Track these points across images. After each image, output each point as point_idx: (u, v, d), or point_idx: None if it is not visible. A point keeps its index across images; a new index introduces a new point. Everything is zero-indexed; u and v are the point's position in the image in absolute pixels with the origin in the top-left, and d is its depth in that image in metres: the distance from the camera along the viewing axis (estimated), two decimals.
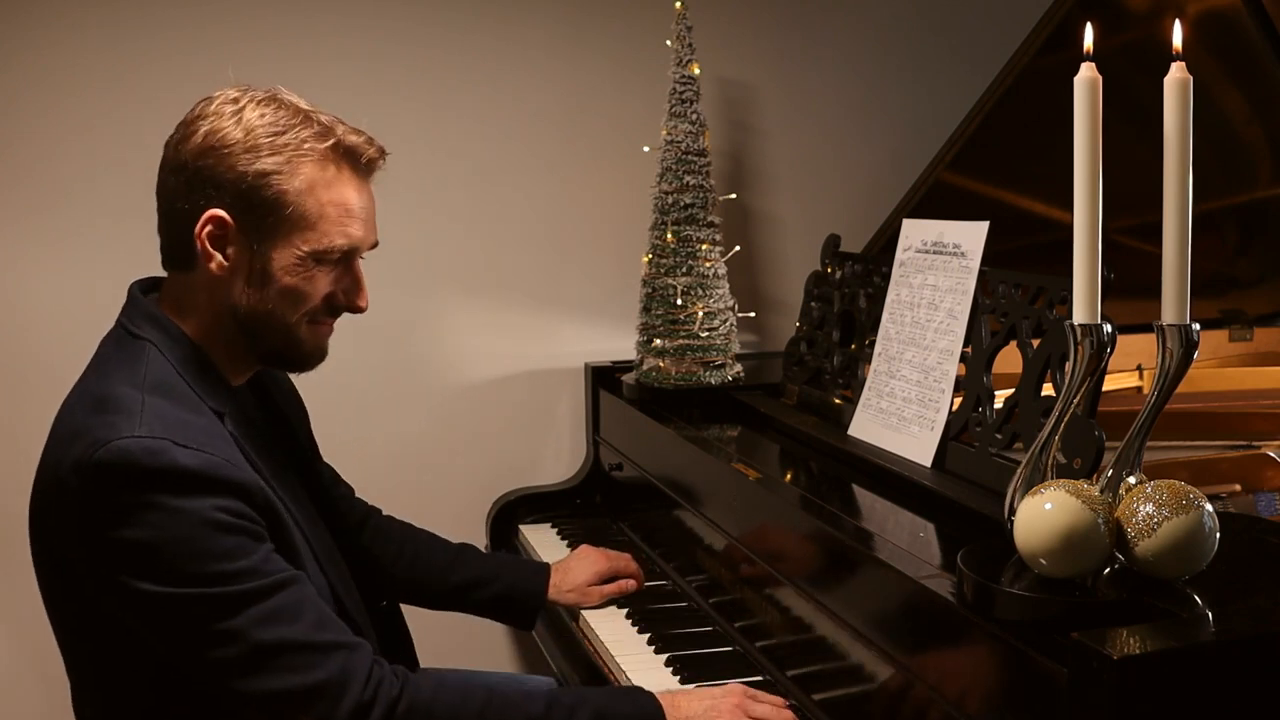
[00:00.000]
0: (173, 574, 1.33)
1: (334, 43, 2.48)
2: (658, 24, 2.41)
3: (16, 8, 2.31)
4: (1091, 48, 1.26)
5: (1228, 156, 2.45)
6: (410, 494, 2.58)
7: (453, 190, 2.60)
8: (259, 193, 1.41)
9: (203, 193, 1.42)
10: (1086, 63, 1.24)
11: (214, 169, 1.41)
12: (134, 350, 1.45)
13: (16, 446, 2.40)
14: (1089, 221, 1.25)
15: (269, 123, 1.42)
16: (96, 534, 1.34)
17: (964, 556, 1.30)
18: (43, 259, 2.38)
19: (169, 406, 1.39)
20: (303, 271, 1.45)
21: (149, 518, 1.32)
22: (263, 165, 1.40)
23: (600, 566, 2.03)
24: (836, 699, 1.58)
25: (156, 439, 1.33)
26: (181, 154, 1.43)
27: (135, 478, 1.32)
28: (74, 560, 1.39)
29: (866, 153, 2.83)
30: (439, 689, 1.44)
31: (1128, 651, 1.05)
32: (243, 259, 1.44)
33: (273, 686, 1.35)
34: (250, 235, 1.43)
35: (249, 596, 1.35)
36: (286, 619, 1.36)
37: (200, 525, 1.33)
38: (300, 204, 1.42)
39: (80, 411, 1.42)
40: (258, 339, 1.49)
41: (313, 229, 1.43)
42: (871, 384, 1.94)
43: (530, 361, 2.68)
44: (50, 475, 1.42)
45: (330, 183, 1.44)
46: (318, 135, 1.43)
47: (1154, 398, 1.25)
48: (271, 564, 1.39)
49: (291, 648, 1.36)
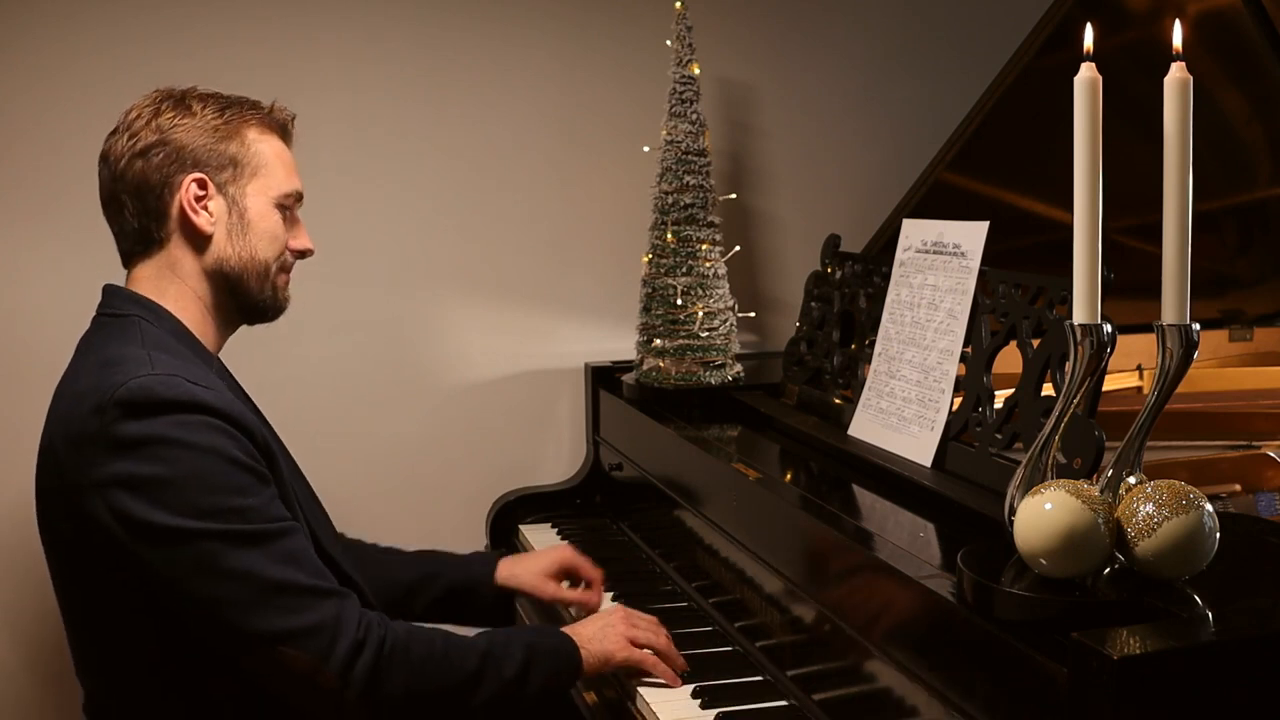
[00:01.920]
0: (187, 506, 1.41)
1: (334, 44, 2.48)
2: (658, 24, 2.41)
3: (16, 8, 2.31)
4: (1091, 48, 1.26)
5: (1228, 156, 2.45)
6: (410, 494, 2.59)
7: (453, 190, 2.60)
8: (225, 151, 1.61)
9: (175, 164, 1.59)
10: (1086, 63, 1.24)
11: (181, 140, 1.60)
12: (123, 324, 1.58)
13: (17, 445, 2.41)
14: (1089, 221, 1.25)
15: (211, 102, 1.64)
16: (114, 469, 1.42)
17: (964, 556, 1.30)
18: (42, 259, 2.38)
19: (172, 358, 1.52)
20: (272, 215, 1.65)
21: (167, 451, 1.42)
22: (221, 131, 1.62)
23: (560, 555, 2.03)
24: (836, 699, 1.58)
25: (171, 375, 1.46)
26: (139, 142, 1.60)
27: (155, 407, 1.43)
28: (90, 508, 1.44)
29: (866, 153, 2.83)
30: (410, 630, 1.56)
31: (1128, 651, 1.05)
32: (223, 211, 1.62)
33: (274, 625, 1.43)
34: (226, 189, 1.62)
35: (256, 536, 1.44)
36: (290, 561, 1.46)
37: (215, 458, 1.44)
38: (258, 154, 1.64)
39: (85, 376, 1.52)
40: (243, 290, 1.65)
41: (271, 175, 1.65)
42: (871, 384, 1.94)
43: (530, 361, 2.68)
44: (59, 437, 1.51)
45: (270, 141, 1.67)
46: (252, 107, 1.67)
47: (1154, 398, 1.25)
48: (275, 508, 1.49)
49: (293, 589, 1.45)
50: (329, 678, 1.44)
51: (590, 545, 2.32)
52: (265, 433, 1.56)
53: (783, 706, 1.66)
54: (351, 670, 1.45)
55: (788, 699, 1.67)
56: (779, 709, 1.66)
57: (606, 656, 1.70)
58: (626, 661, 1.71)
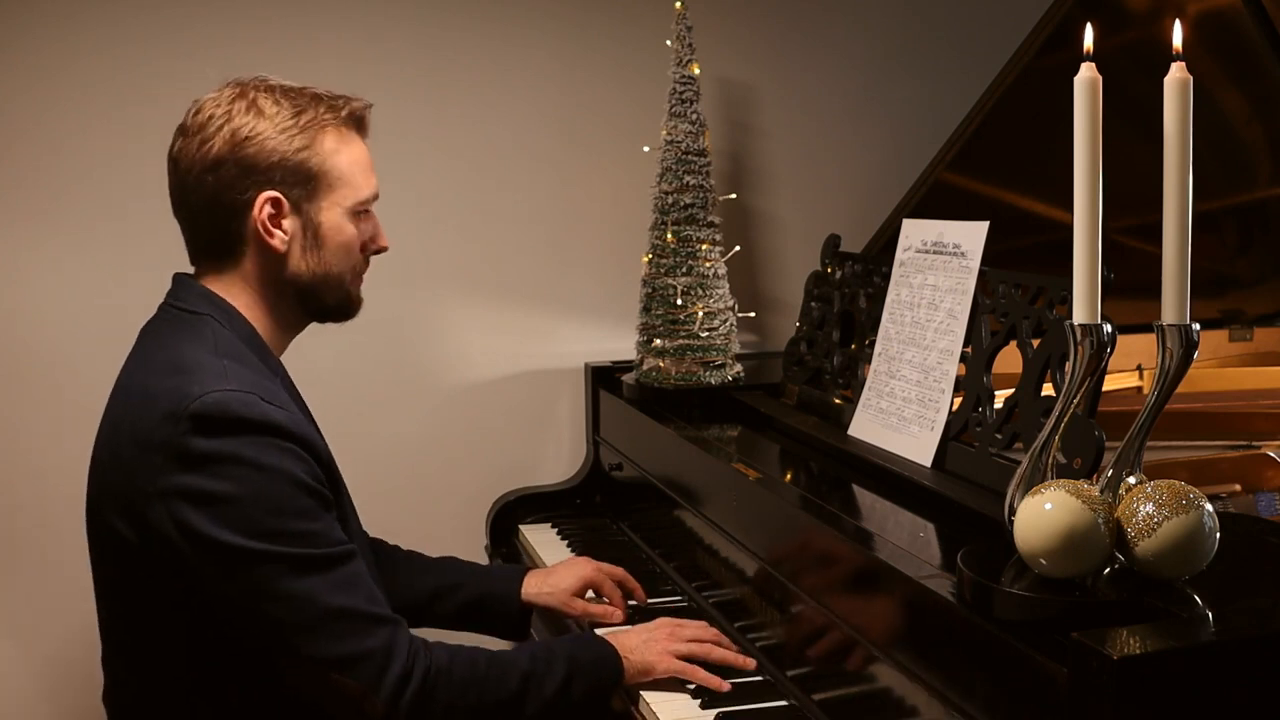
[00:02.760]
0: (251, 526, 1.41)
1: (334, 43, 2.48)
2: (658, 24, 2.41)
3: (16, 8, 2.31)
4: (1091, 48, 1.26)
5: (1228, 156, 2.44)
6: (410, 494, 2.59)
7: (453, 190, 2.60)
8: (301, 167, 1.56)
9: (249, 179, 1.54)
10: (1086, 63, 1.24)
11: (254, 157, 1.53)
12: (195, 323, 1.55)
13: (17, 446, 2.41)
14: (1089, 221, 1.25)
15: (286, 106, 1.56)
16: (184, 482, 1.42)
17: (964, 556, 1.30)
18: (42, 259, 2.38)
19: (244, 370, 1.50)
20: (347, 226, 1.61)
21: (237, 470, 1.42)
22: (297, 143, 1.55)
23: (586, 573, 1.98)
24: (836, 699, 1.58)
25: (248, 393, 1.45)
26: (211, 153, 1.53)
27: (231, 426, 1.42)
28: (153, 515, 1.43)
29: (866, 153, 2.83)
30: (453, 655, 1.54)
31: (1128, 651, 1.05)
32: (298, 229, 1.58)
33: (328, 651, 1.43)
34: (301, 206, 1.57)
35: (317, 561, 1.44)
36: (348, 587, 1.46)
37: (284, 481, 1.44)
38: (337, 168, 1.59)
39: (154, 377, 1.50)
40: (317, 300, 1.63)
41: (347, 185, 1.60)
42: (871, 384, 1.94)
43: (530, 361, 2.68)
44: (126, 436, 1.48)
45: (350, 146, 1.61)
46: (330, 108, 1.60)
47: (1154, 398, 1.25)
48: (336, 532, 1.49)
49: (350, 615, 1.45)
50: (376, 706, 1.45)
51: (590, 545, 2.33)
52: (329, 455, 1.56)
53: (783, 706, 1.66)
54: (399, 700, 1.46)
55: (788, 699, 1.67)
56: (779, 709, 1.66)
57: (648, 668, 1.69)
58: (668, 672, 1.69)
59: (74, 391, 2.41)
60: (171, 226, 2.39)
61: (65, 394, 2.41)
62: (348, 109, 1.62)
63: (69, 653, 2.44)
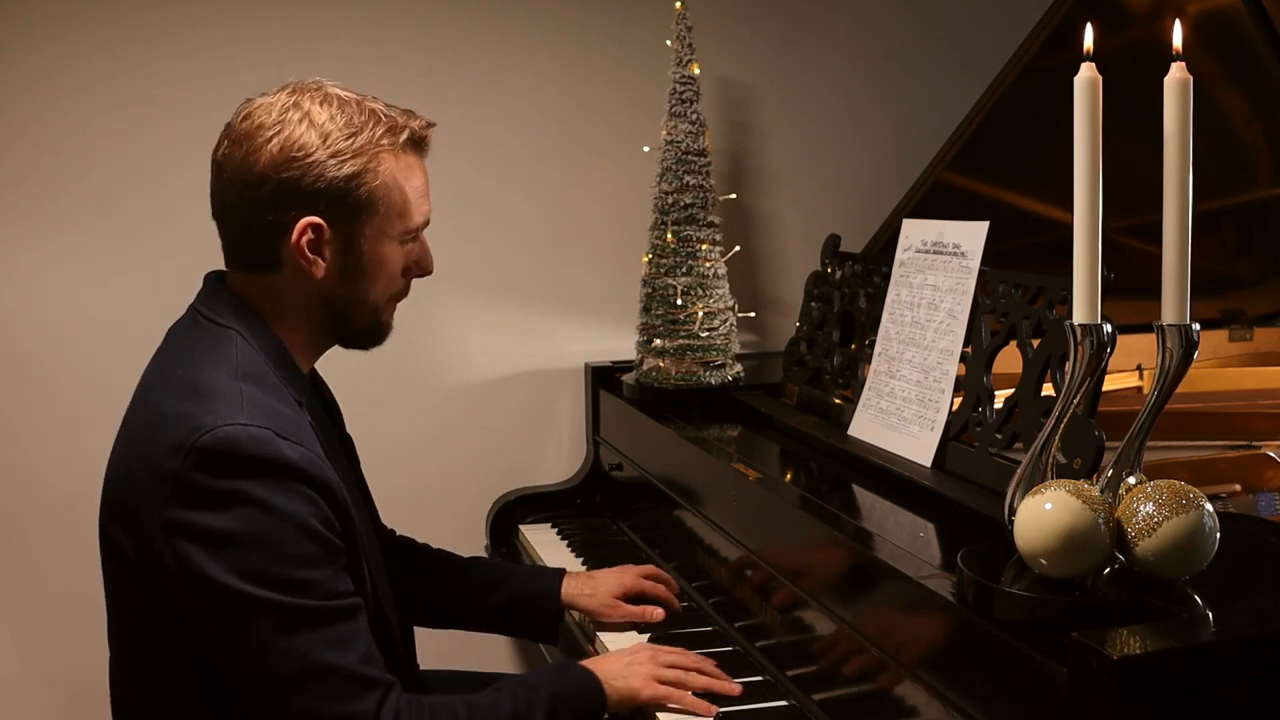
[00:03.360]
0: (251, 570, 1.35)
1: (334, 43, 2.48)
2: (658, 24, 2.41)
3: (16, 8, 2.31)
4: (1091, 48, 1.26)
5: (1228, 156, 2.44)
6: (410, 494, 2.59)
7: (453, 190, 2.59)
8: (350, 195, 1.46)
9: (293, 202, 1.45)
10: (1086, 63, 1.24)
11: (301, 179, 1.44)
12: (219, 338, 1.47)
13: (17, 446, 2.41)
14: (1089, 221, 1.25)
15: (341, 125, 1.46)
16: (186, 518, 1.35)
17: (964, 556, 1.30)
18: (42, 259, 2.38)
19: (264, 396, 1.42)
20: (392, 255, 1.53)
21: (243, 510, 1.35)
22: (349, 169, 1.45)
23: (627, 581, 1.96)
24: (836, 699, 1.58)
25: (261, 428, 1.37)
26: (256, 166, 1.44)
27: (239, 464, 1.35)
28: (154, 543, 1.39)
29: (866, 153, 2.83)
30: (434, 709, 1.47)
31: (1128, 651, 1.05)
32: (338, 257, 1.49)
33: (311, 708, 1.38)
34: (345, 234, 1.48)
35: (314, 614, 1.38)
36: (342, 645, 1.39)
37: (289, 526, 1.36)
38: (387, 196, 1.49)
39: (171, 397, 1.43)
40: (348, 325, 1.56)
41: (400, 215, 1.51)
42: (871, 384, 1.94)
43: (530, 361, 2.68)
44: (137, 456, 1.42)
45: (407, 171, 1.51)
46: (388, 131, 1.49)
47: (1154, 398, 1.25)
48: (340, 583, 1.42)
49: (340, 675, 1.38)
50: None
51: (590, 545, 2.33)
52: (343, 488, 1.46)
53: (783, 706, 1.66)
54: None
55: (788, 699, 1.67)
56: (779, 709, 1.66)
57: (631, 694, 1.64)
58: (653, 699, 1.65)
59: (74, 392, 2.41)
60: (171, 226, 2.41)
61: (65, 394, 2.41)
62: (407, 132, 1.51)
63: (69, 653, 2.44)
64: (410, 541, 1.99)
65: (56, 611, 2.44)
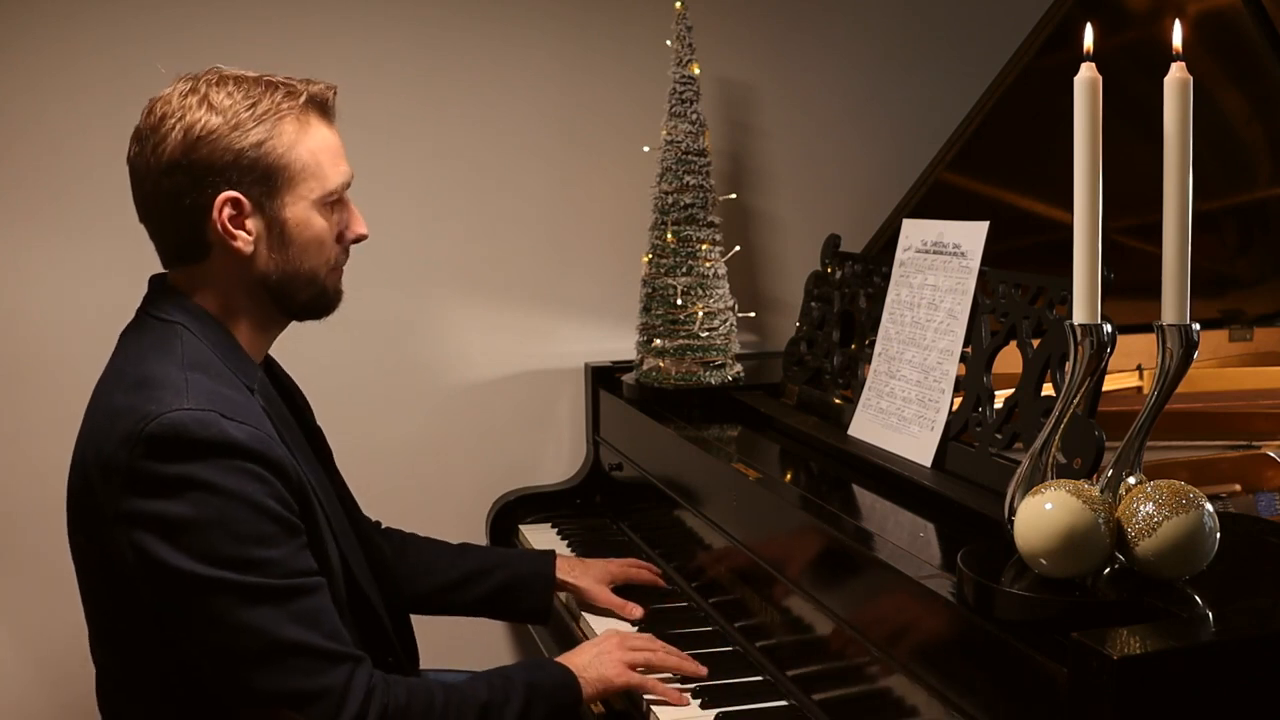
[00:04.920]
0: (208, 553, 1.36)
1: (334, 44, 2.48)
2: (658, 24, 2.41)
3: (16, 8, 2.31)
4: (1091, 48, 1.26)
5: (1228, 156, 2.44)
6: (410, 494, 2.59)
7: (453, 190, 2.60)
8: (260, 162, 1.48)
9: (206, 181, 1.47)
10: (1086, 63, 1.24)
11: (209, 157, 1.46)
12: (164, 333, 1.50)
13: (16, 446, 2.41)
14: (1089, 221, 1.25)
15: (240, 99, 1.48)
16: (139, 507, 1.37)
17: (964, 556, 1.30)
18: (42, 259, 2.38)
19: (210, 382, 1.44)
20: (315, 220, 1.53)
21: (194, 493, 1.36)
22: (253, 138, 1.47)
23: (613, 569, 2.05)
24: (836, 699, 1.58)
25: (206, 411, 1.38)
26: (164, 156, 1.47)
27: (186, 449, 1.36)
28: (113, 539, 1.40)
29: (866, 153, 2.83)
30: (410, 690, 1.49)
31: (1128, 651, 1.05)
32: (261, 228, 1.51)
33: (280, 685, 1.39)
34: (263, 204, 1.50)
35: (275, 591, 1.39)
36: (306, 622, 1.41)
37: (243, 505, 1.38)
38: (297, 159, 1.50)
39: (119, 392, 1.45)
40: (290, 298, 1.56)
41: (314, 177, 1.52)
42: (871, 384, 1.94)
43: (530, 361, 2.68)
44: (92, 456, 1.44)
45: (312, 132, 1.52)
46: (287, 95, 1.50)
47: (1154, 398, 1.25)
48: (301, 561, 1.43)
49: (306, 650, 1.40)
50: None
51: (590, 545, 2.33)
52: (300, 469, 1.48)
53: (783, 706, 1.66)
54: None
55: (788, 699, 1.67)
56: (779, 709, 1.66)
57: (605, 683, 1.67)
58: (626, 685, 1.68)
59: (74, 391, 2.39)
60: None
61: (65, 394, 2.40)
62: (307, 94, 1.52)
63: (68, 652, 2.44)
64: (399, 531, 2.00)
65: (57, 611, 2.43)
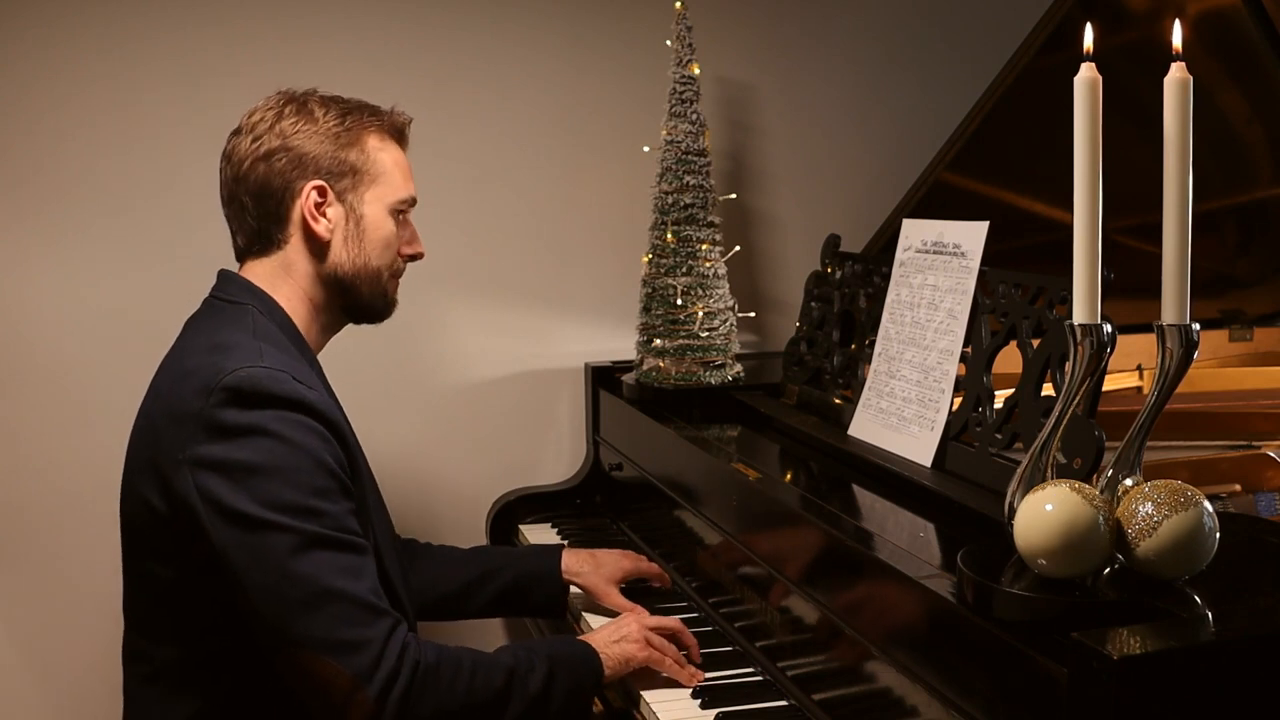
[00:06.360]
0: (267, 497, 1.46)
1: (334, 44, 2.48)
2: (658, 24, 2.41)
3: (16, 8, 2.31)
4: (1091, 48, 1.26)
5: (1228, 156, 2.44)
6: (410, 494, 2.59)
7: (453, 190, 2.60)
8: (347, 159, 1.67)
9: (297, 169, 1.64)
10: (1086, 63, 1.24)
11: (302, 149, 1.65)
12: (236, 313, 1.63)
13: (16, 447, 2.41)
14: (1089, 221, 1.25)
15: (334, 111, 1.69)
16: (209, 451, 1.47)
17: (964, 556, 1.30)
18: (42, 259, 2.38)
19: (279, 353, 1.58)
20: (387, 222, 1.71)
21: (263, 440, 1.47)
22: (343, 140, 1.67)
23: (626, 565, 2.05)
24: (836, 699, 1.58)
25: (280, 371, 1.52)
26: (262, 147, 1.64)
27: (260, 399, 1.48)
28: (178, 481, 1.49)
29: (866, 153, 2.83)
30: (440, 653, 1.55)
31: (1128, 651, 1.05)
32: (341, 218, 1.67)
33: (323, 632, 1.45)
34: (345, 196, 1.67)
35: (325, 540, 1.47)
36: (353, 574, 1.48)
37: (306, 457, 1.49)
38: (377, 163, 1.69)
39: (195, 355, 1.57)
40: (355, 293, 1.71)
41: (390, 183, 1.70)
42: (871, 384, 1.94)
43: (530, 361, 2.68)
44: (160, 410, 1.55)
45: (389, 148, 1.72)
46: (372, 114, 1.72)
47: (1154, 398, 1.25)
48: (349, 521, 1.52)
49: (352, 600, 1.47)
50: (366, 698, 1.45)
51: (590, 545, 2.32)
52: (354, 443, 1.62)
53: (783, 706, 1.66)
54: (388, 695, 1.46)
55: (788, 699, 1.67)
56: (779, 709, 1.66)
57: (627, 658, 1.71)
58: (648, 660, 1.72)
59: (75, 390, 2.41)
60: (172, 225, 2.41)
61: (66, 393, 2.41)
62: (390, 118, 1.74)
63: (69, 651, 2.44)
64: (411, 541, 2.03)
65: (58, 609, 2.44)
